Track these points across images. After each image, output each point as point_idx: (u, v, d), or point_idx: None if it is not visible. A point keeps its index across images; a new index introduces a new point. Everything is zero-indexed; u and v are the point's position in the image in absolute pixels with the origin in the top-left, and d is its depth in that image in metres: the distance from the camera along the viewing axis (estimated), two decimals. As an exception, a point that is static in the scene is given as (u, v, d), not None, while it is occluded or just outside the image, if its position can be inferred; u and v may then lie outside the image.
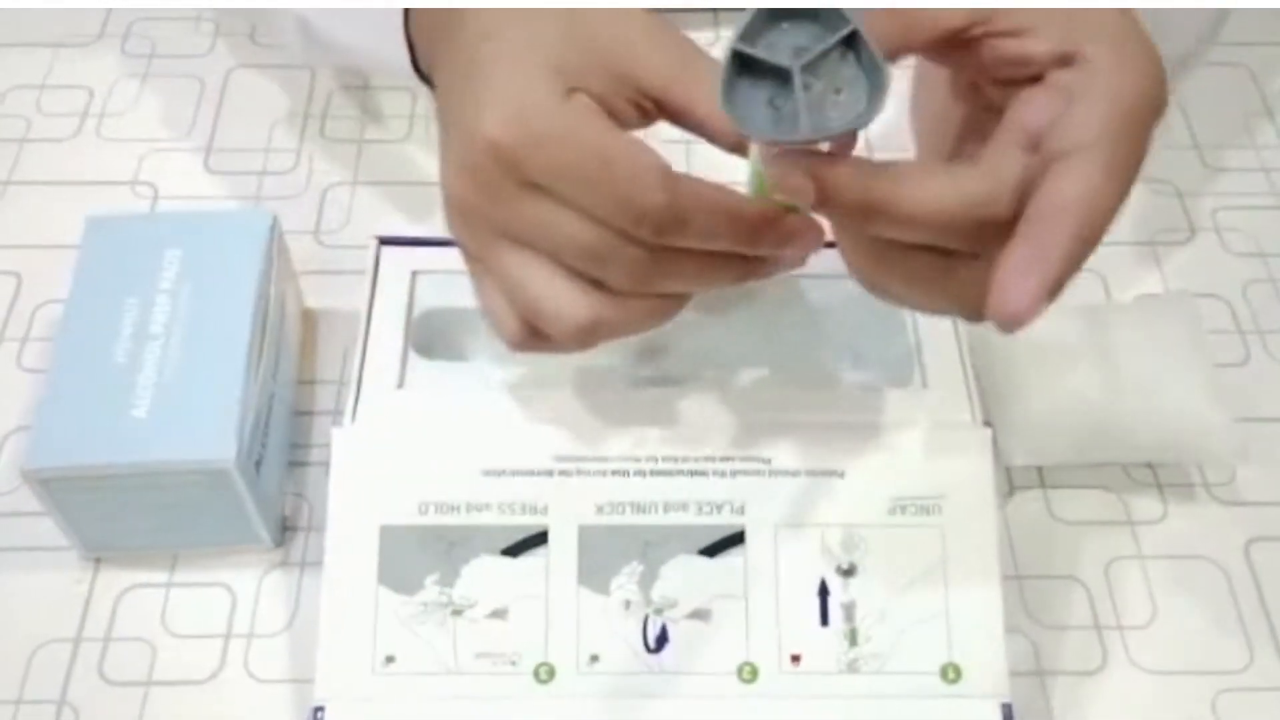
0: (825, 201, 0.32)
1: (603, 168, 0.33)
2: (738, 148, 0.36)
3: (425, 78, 0.44)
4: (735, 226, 0.34)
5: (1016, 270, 0.31)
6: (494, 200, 0.35)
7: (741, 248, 0.35)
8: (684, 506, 0.43)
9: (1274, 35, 0.65)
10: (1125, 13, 0.32)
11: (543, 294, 0.35)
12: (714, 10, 0.65)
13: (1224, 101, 0.62)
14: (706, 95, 0.35)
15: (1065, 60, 0.32)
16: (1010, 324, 0.31)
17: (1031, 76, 0.32)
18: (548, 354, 0.38)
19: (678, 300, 0.37)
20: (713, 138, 0.37)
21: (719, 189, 0.34)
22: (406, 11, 0.43)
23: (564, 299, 0.35)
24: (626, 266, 0.34)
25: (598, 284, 0.35)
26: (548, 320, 0.36)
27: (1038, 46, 0.32)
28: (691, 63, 0.36)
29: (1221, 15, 0.52)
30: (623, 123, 0.36)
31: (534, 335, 0.36)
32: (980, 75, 0.34)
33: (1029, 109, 0.32)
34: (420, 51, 0.43)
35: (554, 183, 0.34)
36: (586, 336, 0.36)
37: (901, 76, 0.36)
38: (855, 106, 0.30)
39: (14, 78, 0.62)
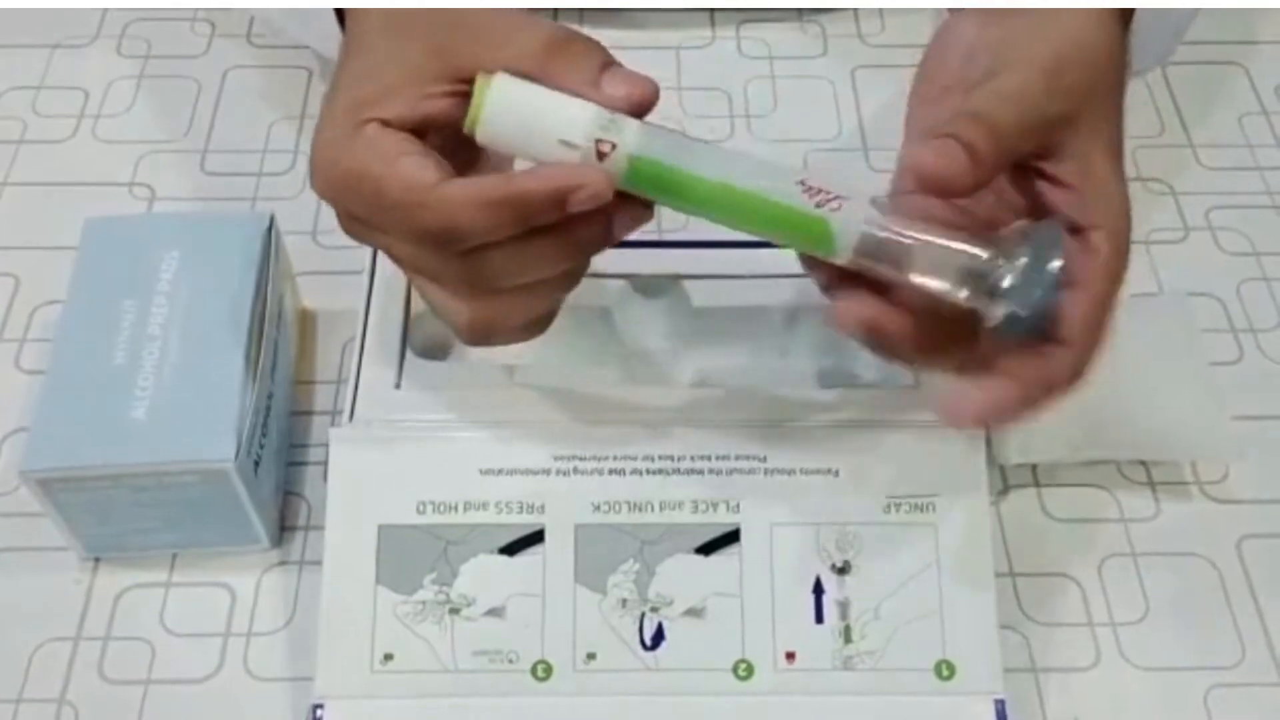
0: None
1: (375, 197, 0.35)
2: None
3: None
4: (517, 211, 0.35)
5: (965, 396, 0.37)
6: (348, 232, 0.38)
7: (535, 223, 0.35)
8: (680, 505, 0.43)
9: (1269, 34, 0.65)
10: (1125, 196, 0.38)
11: (432, 299, 0.38)
12: (710, 10, 0.65)
13: (1218, 101, 0.62)
14: (507, 58, 0.35)
15: (1077, 229, 0.37)
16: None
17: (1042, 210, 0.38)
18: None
19: (541, 291, 0.37)
20: None
21: (485, 182, 0.35)
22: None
23: (449, 303, 0.37)
24: (454, 275, 0.36)
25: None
26: (448, 322, 0.38)
27: (1067, 206, 0.37)
28: (496, 32, 0.36)
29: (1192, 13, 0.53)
30: (440, 118, 0.36)
31: (485, 332, 0.38)
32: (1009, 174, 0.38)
33: None
34: None
35: (357, 215, 0.36)
36: (480, 336, 0.38)
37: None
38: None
39: (10, 79, 0.62)
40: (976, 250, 0.35)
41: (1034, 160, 0.37)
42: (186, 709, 0.44)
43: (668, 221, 0.57)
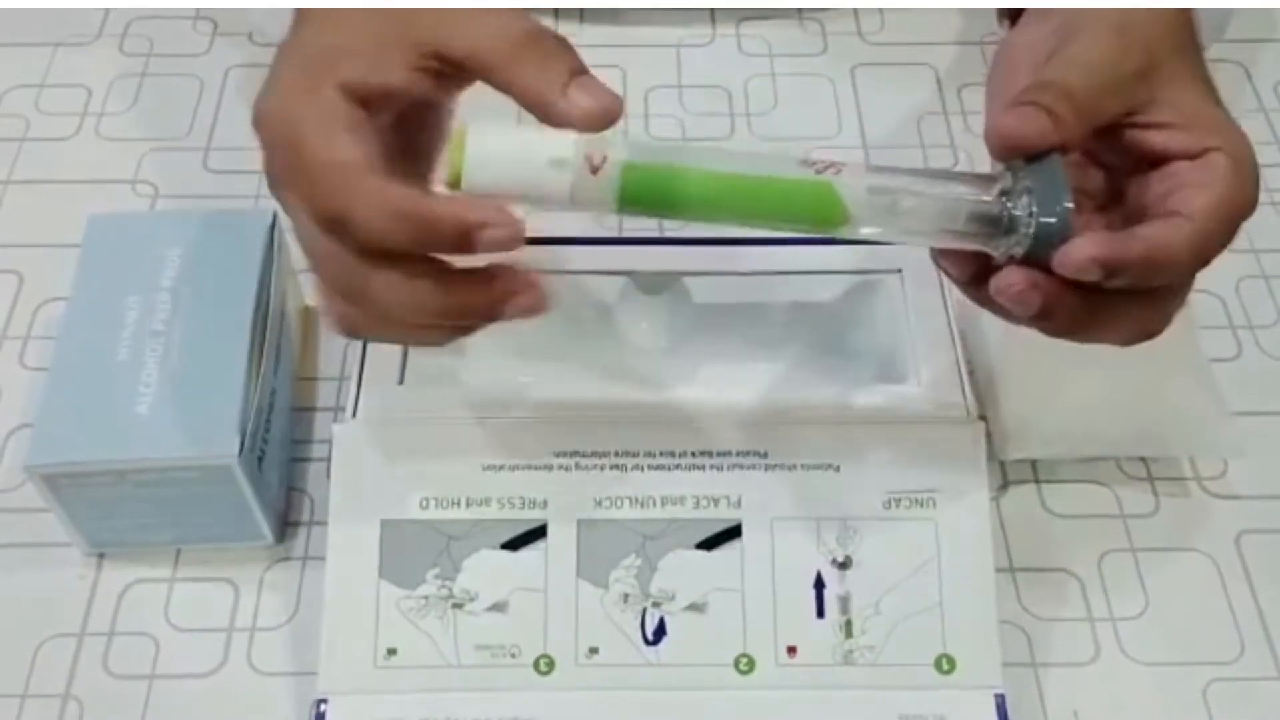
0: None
1: (295, 155, 0.34)
2: (504, 86, 0.35)
3: None
4: (419, 230, 0.33)
5: (1090, 238, 0.35)
6: (271, 188, 0.36)
7: (431, 250, 0.34)
8: (681, 500, 0.43)
9: (1267, 32, 0.65)
10: (1245, 135, 0.37)
11: (316, 280, 0.36)
12: (711, 11, 0.65)
13: (1217, 98, 0.63)
14: (479, 41, 0.34)
15: (1193, 156, 0.36)
16: (1063, 268, 0.35)
17: (1151, 160, 0.37)
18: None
19: (409, 328, 0.36)
20: (486, 76, 0.35)
21: (401, 190, 0.33)
22: None
23: (324, 293, 0.36)
24: (332, 273, 0.35)
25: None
26: (319, 305, 0.37)
27: (1176, 142, 0.37)
28: (470, 14, 0.35)
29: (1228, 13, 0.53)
30: (403, 89, 0.35)
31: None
32: (1103, 147, 0.38)
33: (1147, 188, 0.37)
34: None
35: (275, 166, 0.35)
36: (345, 334, 0.37)
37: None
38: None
39: (13, 77, 0.62)
40: (981, 190, 0.35)
41: (1126, 118, 0.37)
42: (191, 704, 0.44)
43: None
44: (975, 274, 0.37)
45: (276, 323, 0.47)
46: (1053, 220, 0.34)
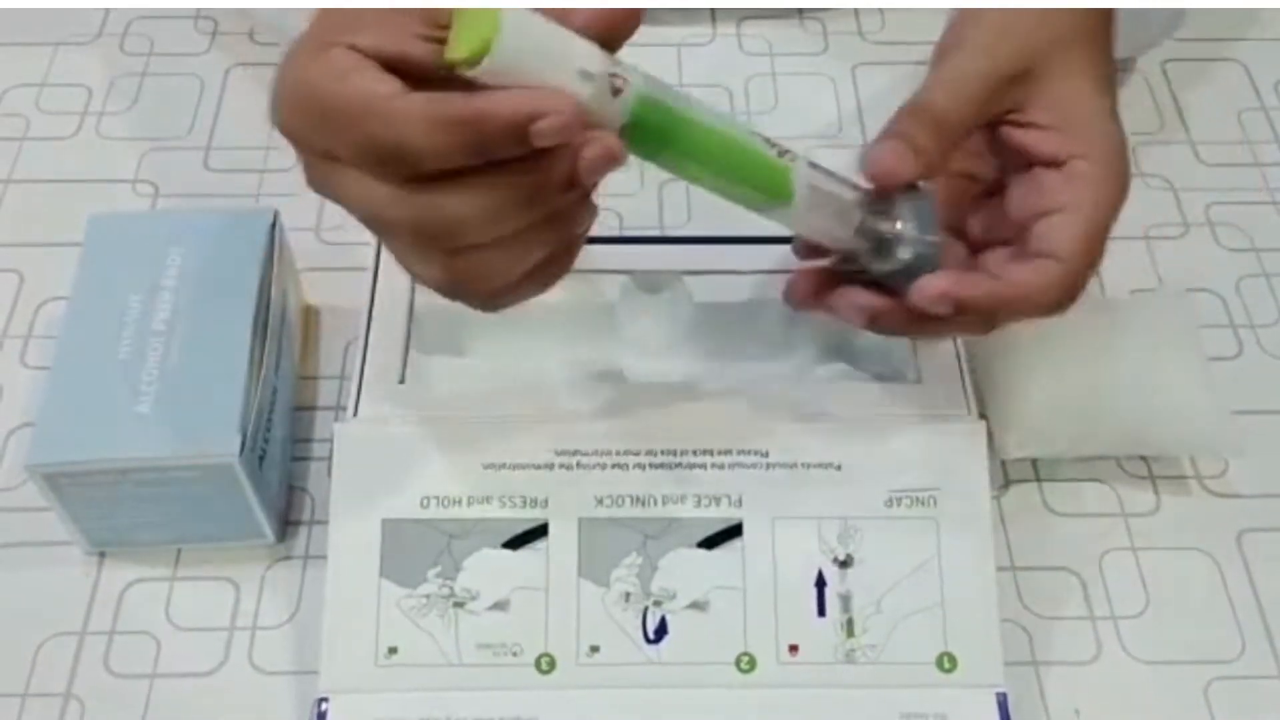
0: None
1: (325, 112, 0.33)
2: None
3: None
4: (476, 133, 0.32)
5: (945, 274, 0.38)
6: (309, 179, 0.35)
7: (493, 152, 0.32)
8: (682, 499, 0.43)
9: (1268, 31, 0.65)
10: (1114, 130, 0.39)
11: (399, 253, 0.36)
12: (712, 10, 0.65)
13: (1218, 97, 0.63)
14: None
15: (1059, 164, 0.38)
16: (915, 298, 0.38)
17: (1022, 161, 0.39)
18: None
19: (512, 250, 0.34)
20: None
21: (445, 98, 0.32)
22: None
23: (415, 260, 0.35)
24: (410, 221, 0.34)
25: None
26: (418, 278, 0.36)
27: (1044, 146, 0.39)
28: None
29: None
30: (421, 57, 0.33)
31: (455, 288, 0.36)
32: (988, 140, 0.41)
33: (1022, 196, 0.40)
34: None
35: (316, 144, 0.34)
36: (452, 295, 0.36)
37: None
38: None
39: (13, 77, 0.62)
40: (875, 211, 0.38)
41: (1006, 115, 0.39)
42: (192, 703, 0.44)
43: (670, 218, 0.57)
44: (823, 279, 0.40)
45: (277, 322, 0.47)
46: (918, 254, 0.37)
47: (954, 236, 0.42)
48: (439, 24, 0.33)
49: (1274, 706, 0.45)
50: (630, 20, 0.34)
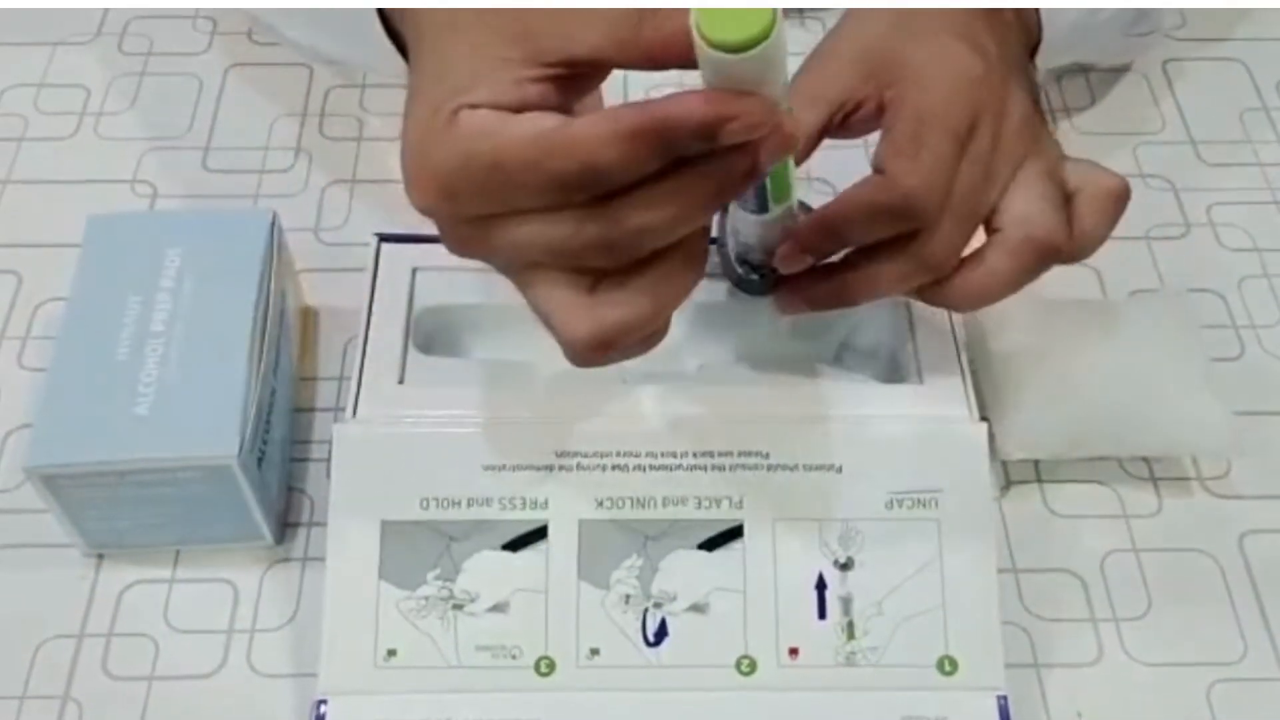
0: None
1: (493, 171, 0.32)
2: (632, 66, 0.34)
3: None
4: (662, 139, 0.31)
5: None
6: (457, 238, 0.35)
7: (680, 153, 0.32)
8: (683, 501, 0.43)
9: (1269, 31, 0.65)
10: (940, 49, 0.40)
11: (552, 304, 0.35)
12: (711, 8, 0.65)
13: (1219, 97, 0.62)
14: (596, 39, 0.33)
15: (882, 109, 0.40)
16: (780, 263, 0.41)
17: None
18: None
19: (679, 271, 0.34)
20: (619, 66, 0.34)
21: (618, 113, 0.31)
22: (386, 21, 0.44)
23: (566, 313, 0.34)
24: (595, 240, 0.33)
25: (598, 281, 0.34)
26: (561, 340, 0.35)
27: (871, 108, 0.40)
28: (578, 14, 0.34)
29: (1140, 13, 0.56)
30: (536, 104, 0.33)
31: (605, 344, 0.35)
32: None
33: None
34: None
35: (481, 209, 0.33)
36: (603, 340, 0.34)
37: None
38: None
39: (11, 77, 0.62)
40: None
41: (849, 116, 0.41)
42: (190, 705, 0.44)
43: (670, 218, 0.57)
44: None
45: (276, 322, 0.47)
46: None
47: None
48: (545, 63, 0.33)
49: (1277, 709, 0.44)
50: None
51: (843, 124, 0.41)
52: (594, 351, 0.35)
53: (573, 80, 0.34)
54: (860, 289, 0.41)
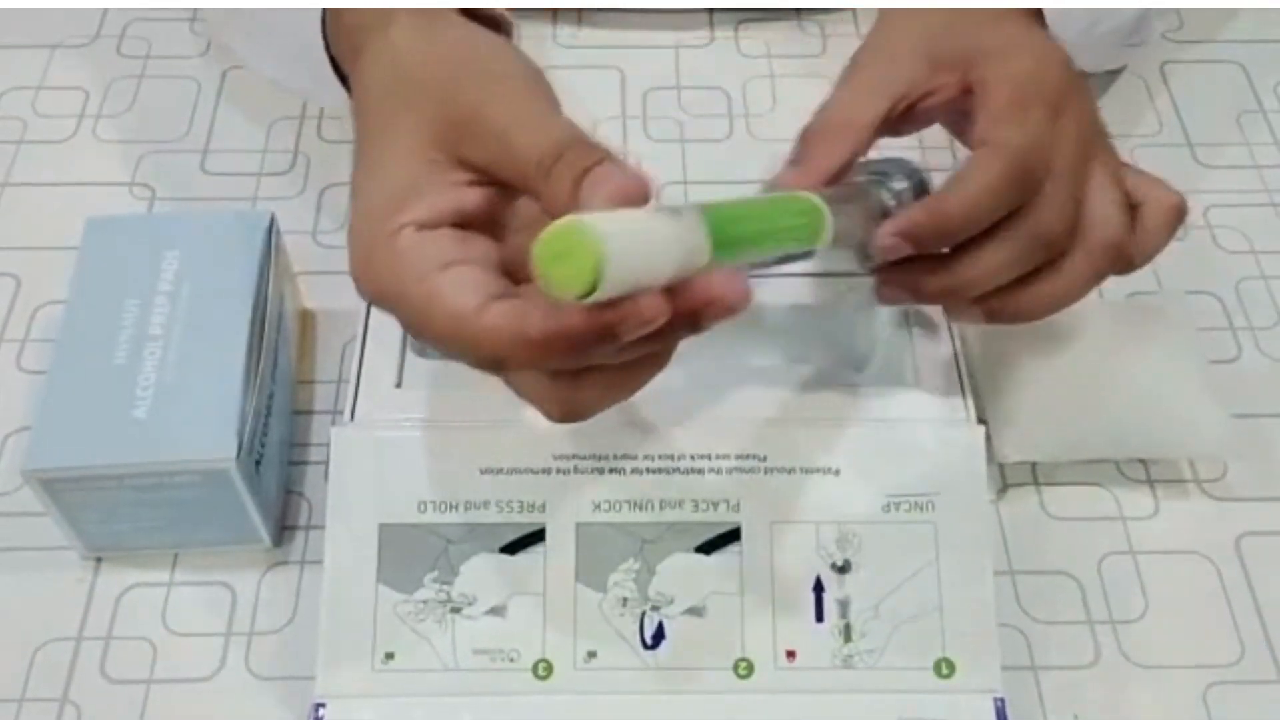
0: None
1: (422, 321, 0.34)
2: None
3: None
4: (567, 346, 0.31)
5: (889, 218, 0.39)
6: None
7: (590, 358, 0.32)
8: (680, 504, 0.43)
9: (1266, 33, 0.65)
10: (1015, 21, 0.41)
11: (522, 391, 0.35)
12: (709, 12, 0.65)
13: (1216, 99, 0.62)
14: (514, 171, 0.34)
15: (968, 91, 0.40)
16: (877, 255, 0.39)
17: (960, 112, 0.41)
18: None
19: (647, 368, 0.34)
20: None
21: (529, 316, 0.31)
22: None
23: (539, 395, 0.35)
24: (550, 394, 0.34)
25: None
26: (538, 410, 0.35)
27: (947, 93, 0.40)
28: (506, 135, 0.34)
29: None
30: (475, 209, 0.35)
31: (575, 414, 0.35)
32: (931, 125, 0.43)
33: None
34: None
35: (410, 327, 0.35)
36: (571, 421, 0.35)
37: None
38: None
39: (10, 79, 0.62)
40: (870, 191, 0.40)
41: (912, 101, 0.41)
42: (188, 708, 0.44)
43: (667, 221, 0.57)
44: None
45: (274, 325, 0.47)
46: (900, 189, 0.40)
47: None
48: (477, 174, 0.35)
49: (1273, 711, 0.44)
50: (642, 187, 0.32)
51: (905, 114, 0.41)
52: (566, 421, 0.35)
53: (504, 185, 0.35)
54: (975, 277, 0.39)
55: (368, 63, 0.38)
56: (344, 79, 0.45)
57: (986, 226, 0.38)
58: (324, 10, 0.45)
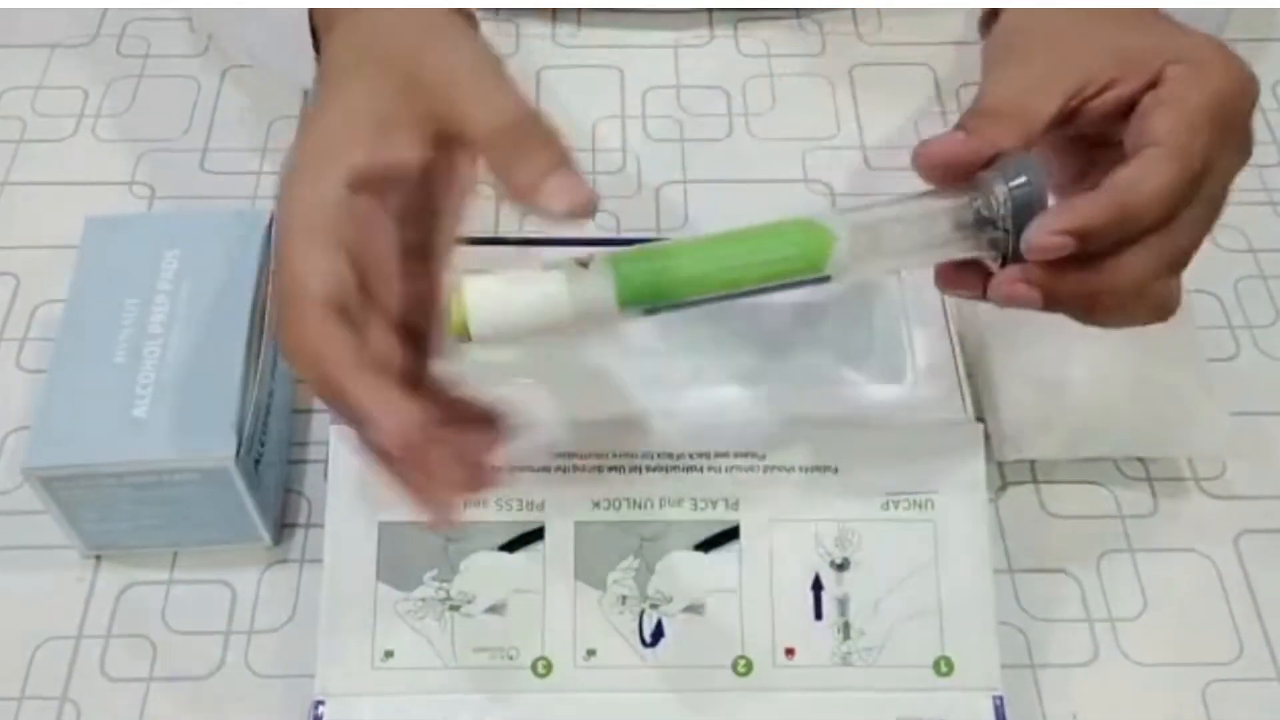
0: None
1: (286, 304, 0.35)
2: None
3: None
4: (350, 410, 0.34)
5: (1050, 212, 0.35)
6: None
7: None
8: (679, 502, 0.43)
9: (1265, 31, 0.65)
10: (1206, 36, 0.38)
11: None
12: (709, 12, 0.65)
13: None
14: (479, 133, 0.36)
15: (1154, 84, 0.37)
16: (1032, 253, 0.36)
17: (1126, 109, 0.37)
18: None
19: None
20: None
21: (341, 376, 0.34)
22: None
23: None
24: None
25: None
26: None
27: (1129, 87, 0.37)
28: (473, 98, 0.36)
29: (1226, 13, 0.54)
30: (426, 164, 0.36)
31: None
32: (1084, 127, 0.39)
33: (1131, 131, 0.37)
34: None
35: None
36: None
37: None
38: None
39: (9, 79, 0.62)
40: (956, 196, 0.36)
41: (1077, 101, 0.37)
42: (188, 706, 0.44)
43: (666, 219, 0.57)
44: (984, 289, 0.37)
45: (274, 324, 0.47)
46: (1022, 183, 0.35)
47: None
48: (430, 129, 0.36)
49: (1272, 709, 0.44)
50: (586, 208, 0.35)
51: (1079, 108, 0.38)
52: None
53: (453, 143, 0.36)
54: (1117, 283, 0.37)
55: (343, 30, 0.40)
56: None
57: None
58: None
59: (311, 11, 0.45)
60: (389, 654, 0.42)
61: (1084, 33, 0.39)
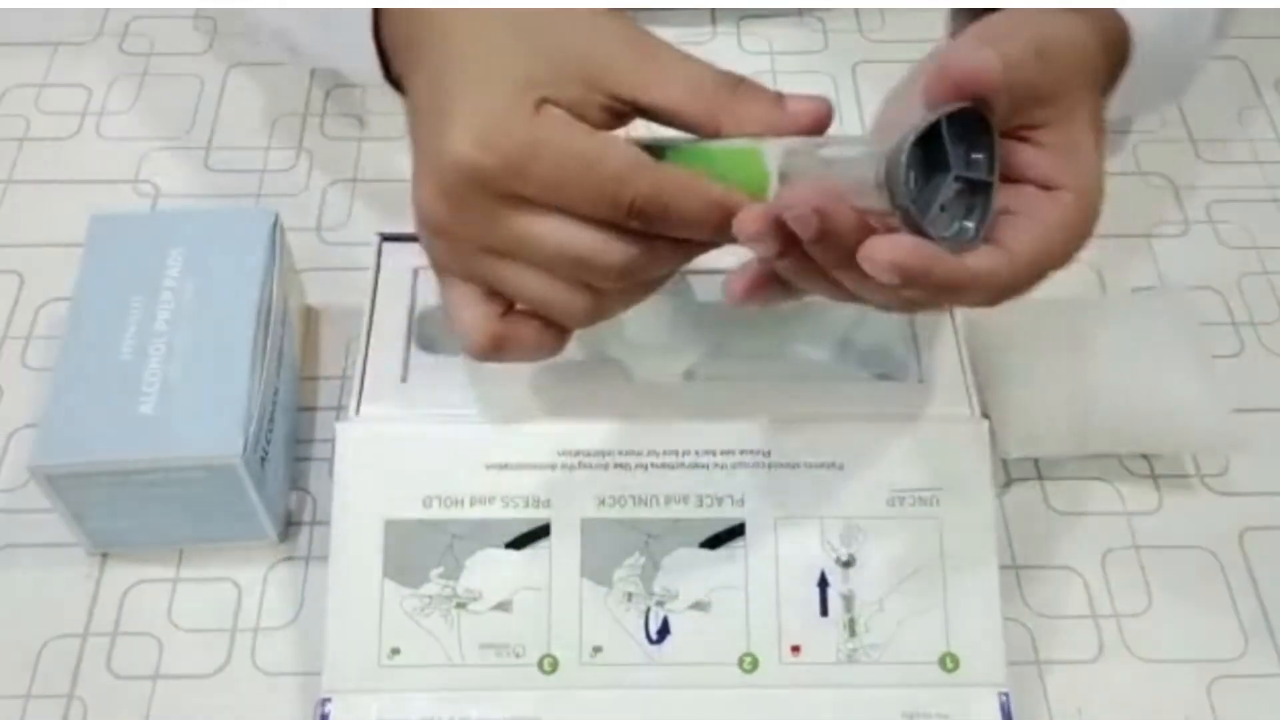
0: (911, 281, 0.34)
1: (584, 170, 0.35)
2: (715, 134, 0.37)
3: (399, 86, 0.44)
4: (714, 213, 0.36)
5: (901, 241, 0.34)
6: (473, 219, 0.36)
7: (718, 235, 0.36)
8: (685, 499, 0.43)
9: (1267, 29, 0.65)
10: (1101, 180, 0.37)
11: (545, 295, 0.37)
12: (712, 10, 0.65)
13: (1218, 94, 0.62)
14: (678, 93, 0.37)
15: (1047, 187, 0.37)
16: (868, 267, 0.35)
17: (1013, 175, 0.37)
18: (510, 363, 0.39)
19: (653, 285, 0.39)
20: (689, 129, 0.38)
21: (695, 176, 0.36)
22: (377, 23, 0.43)
23: (563, 296, 0.37)
24: (616, 262, 0.36)
25: (508, 309, 0.38)
26: (556, 316, 0.38)
27: (1041, 166, 0.37)
28: (661, 63, 0.37)
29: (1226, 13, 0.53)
30: (596, 127, 0.36)
31: (500, 347, 0.38)
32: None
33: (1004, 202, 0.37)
34: (392, 63, 0.43)
35: (536, 194, 0.35)
36: (488, 356, 0.38)
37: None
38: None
39: (12, 77, 0.62)
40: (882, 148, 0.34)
41: (1021, 130, 0.37)
42: (195, 704, 0.44)
43: (671, 217, 0.57)
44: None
45: (279, 322, 0.47)
46: (895, 149, 0.33)
47: None
48: (620, 102, 0.36)
49: (1277, 705, 0.45)
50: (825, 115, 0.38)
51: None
52: (484, 354, 0.38)
53: (626, 116, 0.37)
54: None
55: (450, 12, 0.38)
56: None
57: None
58: None
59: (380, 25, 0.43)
60: (395, 651, 0.42)
61: (1066, 87, 0.38)
